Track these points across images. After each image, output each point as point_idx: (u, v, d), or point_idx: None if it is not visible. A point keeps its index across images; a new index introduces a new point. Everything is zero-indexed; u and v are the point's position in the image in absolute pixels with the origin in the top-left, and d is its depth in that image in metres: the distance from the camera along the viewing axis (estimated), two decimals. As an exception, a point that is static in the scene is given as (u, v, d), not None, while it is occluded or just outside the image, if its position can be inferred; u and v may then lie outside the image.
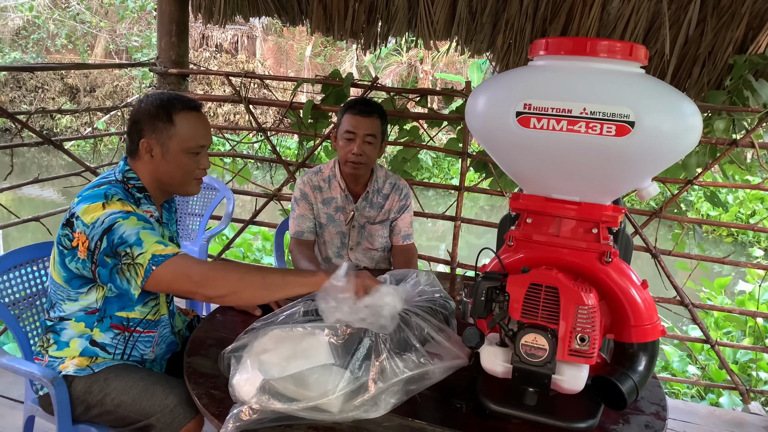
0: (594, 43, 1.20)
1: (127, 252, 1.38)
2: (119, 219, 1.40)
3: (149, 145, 1.51)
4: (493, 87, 1.31)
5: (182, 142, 1.51)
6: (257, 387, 1.20)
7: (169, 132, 1.50)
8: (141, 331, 1.58)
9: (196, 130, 1.53)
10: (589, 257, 1.29)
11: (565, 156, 1.22)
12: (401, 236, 2.32)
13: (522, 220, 1.36)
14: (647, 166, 1.23)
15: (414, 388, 1.31)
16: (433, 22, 3.14)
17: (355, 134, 2.12)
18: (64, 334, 1.54)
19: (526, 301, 1.23)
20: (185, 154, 1.53)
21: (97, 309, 1.52)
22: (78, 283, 1.49)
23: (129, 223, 1.40)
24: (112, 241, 1.38)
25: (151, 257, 1.37)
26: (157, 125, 1.50)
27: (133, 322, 1.56)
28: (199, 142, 1.54)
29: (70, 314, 1.53)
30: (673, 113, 1.18)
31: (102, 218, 1.40)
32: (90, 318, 1.53)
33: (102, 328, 1.54)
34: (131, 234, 1.38)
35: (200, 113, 1.57)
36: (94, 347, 1.54)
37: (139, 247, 1.38)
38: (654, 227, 2.72)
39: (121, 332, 1.55)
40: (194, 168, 1.56)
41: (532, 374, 1.23)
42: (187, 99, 1.56)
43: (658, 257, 2.71)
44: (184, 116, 1.52)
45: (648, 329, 1.29)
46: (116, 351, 1.56)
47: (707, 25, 2.78)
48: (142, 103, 1.53)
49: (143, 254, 1.37)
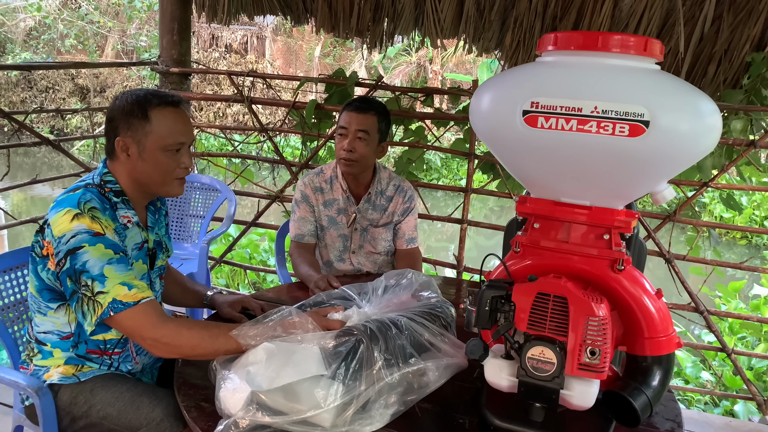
0: (606, 38, 1.12)
1: (87, 284, 1.31)
2: (85, 244, 1.31)
3: (125, 143, 1.43)
4: (498, 85, 1.24)
5: (159, 139, 1.43)
6: (244, 400, 1.13)
7: (145, 129, 1.42)
8: (119, 352, 1.51)
9: (173, 126, 1.45)
10: (601, 265, 1.21)
11: (574, 158, 1.15)
12: (405, 240, 2.25)
13: (529, 225, 1.28)
14: (663, 168, 1.15)
15: (413, 398, 1.24)
16: (440, 20, 3.07)
17: (347, 130, 2.08)
18: (47, 348, 1.48)
19: (533, 311, 1.16)
20: (163, 152, 1.44)
21: (71, 333, 1.46)
22: (48, 295, 1.43)
23: (95, 252, 1.32)
24: (74, 265, 1.32)
25: (112, 301, 1.30)
26: (132, 122, 1.42)
27: (111, 344, 1.49)
28: (177, 139, 1.45)
29: (43, 334, 1.47)
30: (691, 112, 1.11)
31: (69, 236, 1.32)
32: (65, 344, 1.46)
33: (79, 352, 1.47)
34: (94, 266, 1.31)
35: (178, 109, 1.47)
36: (80, 359, 1.49)
37: (101, 283, 1.31)
38: (667, 231, 2.62)
39: (99, 356, 1.49)
40: (174, 167, 1.47)
41: (539, 389, 1.16)
42: (164, 94, 1.48)
43: (671, 262, 2.62)
44: (160, 112, 1.43)
45: (663, 341, 1.21)
46: (102, 366, 1.50)
47: (723, 21, 2.69)
48: (117, 100, 1.45)
49: (104, 294, 1.30)
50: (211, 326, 1.33)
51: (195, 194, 3.09)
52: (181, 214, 3.11)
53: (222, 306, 1.68)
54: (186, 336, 1.31)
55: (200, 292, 1.77)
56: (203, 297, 1.75)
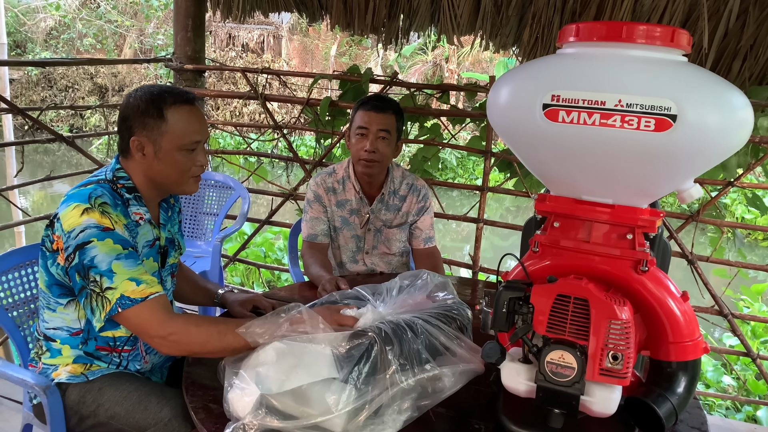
0: (631, 28, 1.07)
1: (96, 279, 1.29)
2: (93, 239, 1.29)
3: (140, 143, 1.40)
4: (517, 77, 1.20)
5: (175, 139, 1.40)
6: (253, 402, 1.10)
7: (161, 129, 1.39)
8: (129, 350, 1.49)
9: (189, 125, 1.41)
10: (623, 266, 1.16)
11: (597, 154, 1.10)
12: (422, 239, 2.20)
13: (549, 223, 1.24)
14: (690, 164, 1.10)
15: (427, 404, 1.20)
16: (457, 16, 3.02)
17: (367, 130, 2.01)
18: (56, 345, 1.46)
19: (553, 313, 1.11)
20: (179, 151, 1.41)
21: (81, 330, 1.44)
22: (58, 291, 1.41)
23: (103, 247, 1.29)
24: (83, 260, 1.29)
25: (120, 297, 1.28)
26: (148, 122, 1.38)
27: (120, 341, 1.47)
28: (193, 138, 1.42)
29: (53, 330, 1.45)
30: (721, 106, 1.06)
31: (78, 230, 1.30)
32: (74, 340, 1.44)
33: (88, 349, 1.45)
34: (102, 261, 1.29)
35: (194, 106, 1.44)
36: (89, 357, 1.46)
37: (109, 279, 1.29)
38: (689, 231, 2.55)
39: (108, 353, 1.47)
40: (190, 166, 1.44)
41: (559, 394, 1.11)
42: (179, 91, 1.44)
43: (694, 264, 2.55)
44: (176, 111, 1.40)
45: (689, 346, 1.16)
46: (111, 364, 1.48)
47: (749, 16, 2.60)
48: (131, 97, 1.41)
49: (112, 290, 1.28)
50: (220, 323, 1.30)
51: (209, 192, 3.07)
52: (194, 211, 3.09)
53: (233, 305, 1.65)
54: (194, 333, 1.28)
55: (212, 290, 1.75)
56: (214, 295, 1.73)
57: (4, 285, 1.61)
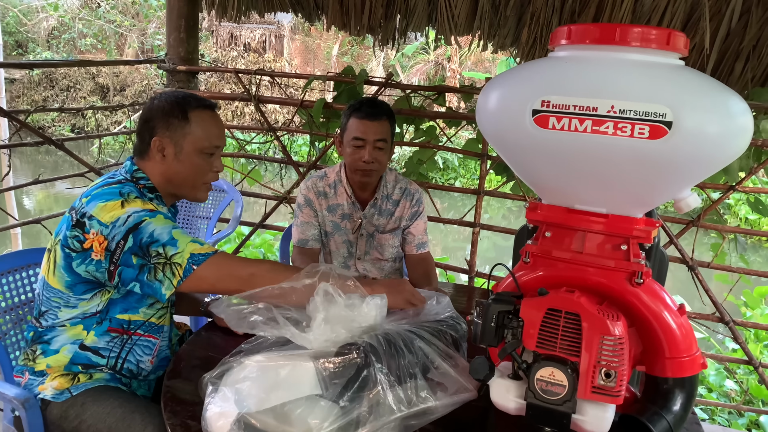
0: (625, 30, 1.03)
1: (159, 252, 1.34)
2: (146, 218, 1.35)
3: (162, 143, 1.45)
4: (507, 81, 1.15)
5: (197, 141, 1.46)
6: (231, 422, 1.06)
7: (184, 130, 1.45)
8: (141, 334, 1.49)
9: (210, 129, 1.49)
10: (618, 277, 1.12)
11: (589, 161, 1.05)
12: (415, 245, 2.16)
13: (540, 233, 1.19)
14: (687, 173, 1.05)
15: (414, 423, 1.16)
16: (454, 16, 2.98)
17: (364, 141, 1.97)
18: (55, 342, 1.45)
19: (543, 328, 1.07)
20: (199, 154, 1.47)
21: (98, 311, 1.44)
22: (82, 288, 1.41)
23: (157, 222, 1.35)
24: (140, 240, 1.33)
25: (190, 256, 1.34)
26: (172, 123, 1.44)
27: (135, 325, 1.48)
28: (213, 142, 1.49)
29: (64, 320, 1.44)
30: (719, 112, 1.01)
31: (124, 217, 1.34)
32: (89, 321, 1.44)
33: (98, 331, 1.45)
34: (162, 233, 1.35)
35: (215, 113, 1.52)
36: (85, 351, 1.45)
37: (173, 246, 1.34)
38: (690, 236, 2.50)
39: (119, 335, 1.46)
40: (207, 170, 1.50)
41: (549, 413, 1.07)
42: (202, 98, 1.52)
43: (695, 269, 2.50)
44: (199, 114, 1.47)
45: (686, 362, 1.12)
46: (110, 355, 1.46)
47: (752, 16, 2.56)
48: (155, 100, 1.48)
49: (180, 254, 1.34)
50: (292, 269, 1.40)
51: (202, 195, 3.03)
52: (188, 215, 3.06)
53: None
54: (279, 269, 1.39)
55: (197, 298, 1.71)
56: (200, 303, 1.69)
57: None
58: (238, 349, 1.25)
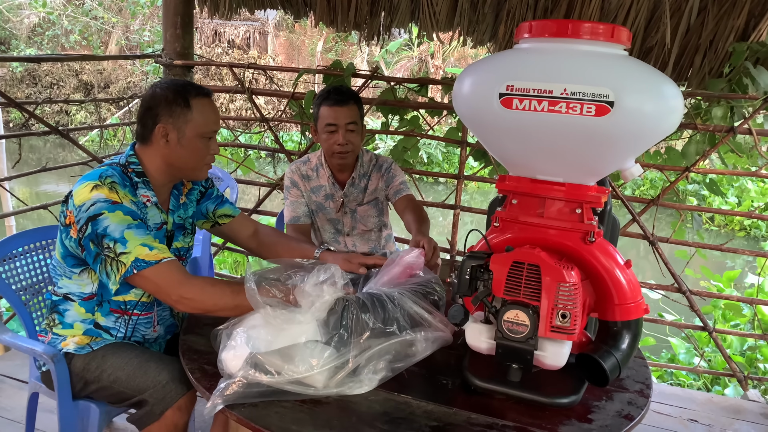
0: (576, 26, 1.22)
1: (110, 246, 1.41)
2: (104, 211, 1.42)
3: (165, 130, 1.54)
4: (478, 70, 1.34)
5: (198, 126, 1.55)
6: (243, 360, 1.23)
7: (186, 117, 1.54)
8: (138, 313, 1.61)
9: (209, 116, 1.58)
10: (573, 237, 1.31)
11: (547, 137, 1.24)
12: (395, 190, 2.26)
13: (508, 201, 1.38)
14: (628, 146, 1.25)
15: (400, 366, 1.34)
16: (436, 13, 3.15)
17: (336, 125, 2.12)
18: (68, 316, 1.58)
19: (509, 278, 1.25)
20: (200, 138, 1.57)
21: (94, 294, 1.57)
22: (72, 261, 1.54)
23: (114, 218, 1.42)
24: (96, 230, 1.41)
25: (134, 260, 1.40)
26: (175, 110, 1.53)
27: (130, 305, 1.60)
28: (212, 128, 1.59)
29: (70, 294, 1.57)
30: (654, 94, 1.20)
31: (88, 204, 1.43)
32: (89, 303, 1.57)
33: (103, 312, 1.58)
34: (115, 230, 1.41)
35: (212, 100, 1.62)
36: (98, 329, 1.59)
37: (122, 245, 1.40)
38: (651, 215, 2.72)
39: (120, 315, 1.59)
40: (206, 153, 1.60)
41: (515, 350, 1.26)
42: (200, 86, 1.62)
43: (655, 244, 2.72)
44: (199, 102, 1.56)
45: (631, 307, 1.31)
46: (118, 334, 1.61)
47: (708, 13, 2.77)
48: (157, 88, 1.56)
49: (126, 254, 1.40)
50: (233, 284, 1.43)
51: (198, 183, 3.18)
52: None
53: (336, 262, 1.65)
54: (209, 292, 1.41)
55: (309, 249, 1.82)
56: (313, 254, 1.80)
57: (11, 264, 1.74)
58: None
